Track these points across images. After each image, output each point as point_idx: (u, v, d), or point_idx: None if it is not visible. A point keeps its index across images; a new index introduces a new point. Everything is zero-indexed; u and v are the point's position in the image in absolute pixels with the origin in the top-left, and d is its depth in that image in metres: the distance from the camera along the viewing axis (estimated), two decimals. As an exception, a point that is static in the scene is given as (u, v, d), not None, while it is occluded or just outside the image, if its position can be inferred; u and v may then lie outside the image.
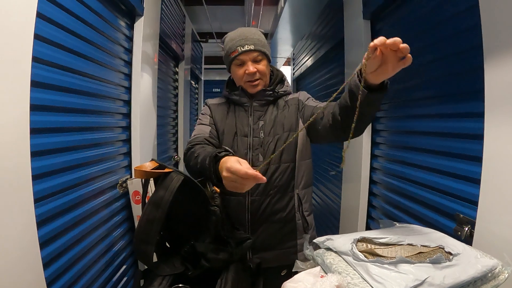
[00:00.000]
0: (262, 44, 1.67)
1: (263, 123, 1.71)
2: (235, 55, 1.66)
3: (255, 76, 1.68)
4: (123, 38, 2.41)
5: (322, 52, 4.15)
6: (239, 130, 1.72)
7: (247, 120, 1.73)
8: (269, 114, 1.73)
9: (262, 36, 1.72)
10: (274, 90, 1.75)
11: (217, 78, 10.38)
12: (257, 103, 1.75)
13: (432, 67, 1.91)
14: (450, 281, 0.87)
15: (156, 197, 1.12)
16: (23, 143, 1.28)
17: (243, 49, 1.63)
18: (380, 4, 2.37)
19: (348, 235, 1.10)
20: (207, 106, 1.87)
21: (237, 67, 1.70)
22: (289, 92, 1.85)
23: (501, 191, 1.29)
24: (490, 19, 1.35)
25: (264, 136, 1.68)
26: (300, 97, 1.80)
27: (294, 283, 0.92)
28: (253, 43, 1.64)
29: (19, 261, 1.26)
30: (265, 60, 1.71)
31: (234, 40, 1.66)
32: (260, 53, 1.67)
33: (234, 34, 1.70)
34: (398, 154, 2.28)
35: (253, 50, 1.65)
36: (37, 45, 1.36)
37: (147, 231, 1.10)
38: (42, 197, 1.46)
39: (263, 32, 1.75)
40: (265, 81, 1.75)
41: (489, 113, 1.35)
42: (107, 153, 2.17)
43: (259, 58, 1.67)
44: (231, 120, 1.76)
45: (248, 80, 1.69)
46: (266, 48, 1.69)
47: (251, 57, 1.66)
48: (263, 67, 1.69)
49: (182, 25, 4.73)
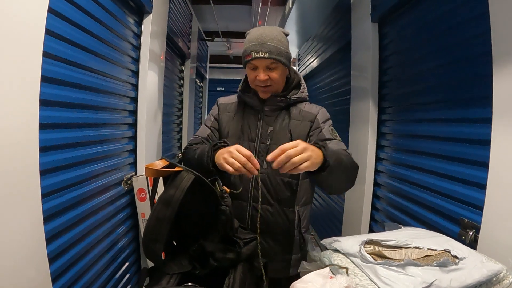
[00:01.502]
0: (278, 52, 1.55)
1: (272, 129, 1.66)
2: (248, 59, 1.60)
3: (266, 83, 1.61)
4: (131, 35, 2.42)
5: (329, 53, 4.15)
6: (246, 134, 1.69)
7: (256, 125, 1.68)
8: (279, 121, 1.68)
9: (283, 41, 1.60)
10: (286, 96, 1.67)
11: (222, 77, 10.39)
12: (268, 107, 1.68)
13: (440, 72, 1.90)
14: (456, 284, 0.88)
15: (166, 195, 1.12)
16: (32, 138, 1.28)
17: (257, 55, 1.54)
18: (389, 7, 2.37)
19: (356, 237, 1.10)
20: (217, 106, 1.84)
21: (250, 70, 1.63)
22: (305, 98, 1.75)
23: (507, 197, 1.30)
24: (500, 26, 1.36)
25: (271, 143, 1.63)
26: (319, 116, 1.69)
27: (303, 283, 0.93)
28: (268, 51, 1.53)
29: (25, 256, 1.27)
30: (280, 68, 1.61)
31: (251, 43, 1.57)
32: (275, 61, 1.56)
33: (253, 35, 1.60)
34: (403, 157, 2.28)
35: (267, 58, 1.54)
36: (48, 41, 1.37)
37: (157, 230, 1.10)
38: (49, 192, 1.47)
39: (286, 34, 1.66)
40: (278, 88, 1.67)
41: (496, 119, 1.36)
42: (113, 149, 2.18)
43: (272, 66, 1.58)
44: (238, 123, 1.72)
45: (259, 85, 1.63)
46: (282, 55, 1.57)
47: (264, 64, 1.57)
48: (275, 75, 1.60)
49: (189, 24, 4.75)
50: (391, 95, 2.52)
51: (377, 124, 2.67)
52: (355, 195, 2.92)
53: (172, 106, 4.12)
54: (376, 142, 2.68)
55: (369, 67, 2.68)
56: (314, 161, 1.21)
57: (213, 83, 9.59)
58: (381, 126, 2.65)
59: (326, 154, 1.27)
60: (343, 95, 3.69)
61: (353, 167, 1.48)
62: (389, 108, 2.53)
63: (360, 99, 2.88)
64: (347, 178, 1.46)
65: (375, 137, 2.68)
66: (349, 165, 1.43)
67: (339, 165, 1.32)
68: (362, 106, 2.82)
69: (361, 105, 2.85)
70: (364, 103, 2.78)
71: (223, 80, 10.39)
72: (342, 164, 1.36)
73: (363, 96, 2.81)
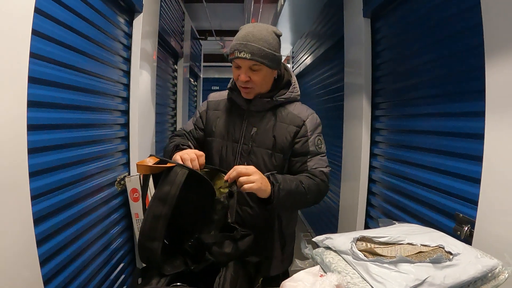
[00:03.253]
0: (262, 54, 1.50)
1: (256, 130, 1.63)
2: (231, 58, 1.55)
3: (247, 84, 1.56)
4: (122, 35, 2.39)
5: (322, 50, 4.15)
6: (230, 135, 1.66)
7: (240, 125, 1.66)
8: (265, 122, 1.64)
9: (270, 42, 1.54)
10: (272, 98, 1.63)
11: (216, 76, 10.37)
12: (253, 108, 1.65)
13: (433, 66, 1.90)
14: (450, 281, 0.87)
15: (161, 192, 1.12)
16: (20, 140, 1.26)
17: (239, 55, 1.49)
18: (381, 2, 2.37)
19: (348, 234, 1.10)
20: (206, 103, 1.82)
21: (235, 68, 1.59)
22: (294, 98, 1.70)
23: (501, 190, 1.29)
24: (492, 19, 1.35)
25: (254, 146, 1.61)
26: (308, 123, 1.64)
27: (293, 282, 0.92)
28: (251, 51, 1.48)
29: (15, 259, 1.25)
30: (263, 70, 1.55)
31: (236, 41, 1.53)
32: (257, 63, 1.51)
33: (240, 33, 1.54)
34: (397, 153, 2.27)
35: (248, 59, 1.50)
36: (35, 41, 1.35)
37: (154, 228, 1.09)
38: (39, 194, 1.44)
39: (278, 34, 1.60)
40: (260, 90, 1.61)
41: (489, 112, 1.35)
42: (105, 150, 2.16)
43: (255, 67, 1.52)
44: (224, 122, 1.70)
45: (241, 85, 1.59)
46: (267, 58, 1.51)
47: (247, 65, 1.53)
48: (257, 78, 1.55)
49: (182, 22, 4.72)
50: (384, 90, 2.51)
51: (371, 120, 2.66)
52: (350, 191, 2.92)
53: (165, 105, 4.10)
54: (370, 137, 2.68)
55: (362, 62, 2.67)
56: (258, 188, 1.33)
57: (208, 82, 9.56)
58: (375, 122, 2.64)
59: (274, 190, 1.39)
60: (337, 91, 3.69)
61: (312, 196, 1.54)
62: (382, 103, 2.53)
63: (354, 95, 2.87)
64: (299, 206, 1.61)
65: (369, 133, 2.67)
66: (303, 198, 1.51)
67: (289, 199, 1.45)
68: (356, 102, 2.81)
69: (355, 101, 2.84)
70: (357, 99, 2.77)
71: (217, 79, 10.36)
72: (295, 199, 1.49)
73: (356, 92, 2.80)
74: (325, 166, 1.65)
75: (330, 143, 3.84)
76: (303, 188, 1.49)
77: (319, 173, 1.59)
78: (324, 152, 1.68)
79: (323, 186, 1.58)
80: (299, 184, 1.49)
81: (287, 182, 1.45)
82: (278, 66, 1.62)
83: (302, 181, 1.51)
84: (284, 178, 1.47)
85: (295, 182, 1.48)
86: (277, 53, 1.57)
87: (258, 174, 1.35)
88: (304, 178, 1.54)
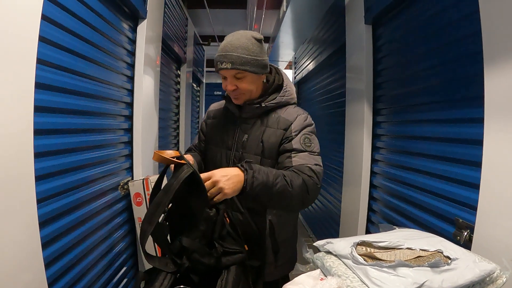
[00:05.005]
0: (242, 62, 1.49)
1: (246, 137, 1.62)
2: (216, 70, 1.56)
3: (235, 92, 1.58)
4: (126, 41, 2.42)
5: (324, 56, 4.17)
6: (224, 143, 1.68)
7: (233, 133, 1.67)
8: (255, 129, 1.63)
9: (250, 48, 1.52)
10: (261, 104, 1.62)
11: (219, 81, 10.30)
12: (245, 114, 1.65)
13: (433, 72, 1.92)
14: (448, 285, 0.88)
15: (167, 184, 1.17)
16: (27, 144, 1.29)
17: (221, 66, 1.51)
18: (382, 9, 2.39)
19: (348, 239, 1.11)
20: (207, 113, 1.87)
21: (223, 79, 1.61)
22: (286, 102, 1.68)
23: (500, 196, 1.30)
24: (491, 26, 1.37)
25: (244, 152, 1.61)
26: (293, 125, 1.59)
27: (294, 285, 0.93)
28: (231, 61, 1.49)
29: (21, 261, 1.27)
30: (248, 77, 1.55)
31: (217, 53, 1.54)
32: (239, 71, 1.51)
33: (221, 45, 1.55)
34: (398, 158, 2.29)
35: (230, 69, 1.50)
36: (41, 47, 1.38)
37: (152, 212, 1.14)
38: (44, 198, 1.47)
39: (257, 39, 1.56)
40: (250, 95, 1.62)
41: (488, 118, 1.37)
42: (109, 155, 2.18)
43: (239, 75, 1.53)
44: (219, 130, 1.72)
45: (230, 94, 1.62)
46: (248, 64, 1.51)
47: (230, 74, 1.54)
48: (244, 85, 1.55)
49: (185, 28, 4.76)
50: (385, 96, 2.53)
51: (372, 126, 2.68)
52: (352, 197, 2.93)
53: (168, 110, 4.12)
54: (372, 143, 2.69)
55: (363, 69, 2.68)
56: (229, 192, 1.23)
57: (211, 87, 9.61)
58: (376, 128, 2.65)
59: (247, 178, 1.27)
60: (338, 97, 3.71)
61: (297, 191, 1.37)
62: (384, 109, 2.54)
63: (355, 101, 2.89)
64: (282, 201, 1.38)
65: (371, 138, 2.68)
66: (286, 191, 1.34)
67: (267, 189, 1.30)
68: (357, 108, 2.83)
69: (356, 107, 2.86)
70: (359, 105, 2.79)
71: (220, 84, 10.30)
72: (276, 191, 1.32)
73: (358, 98, 2.82)
74: (314, 163, 1.50)
75: (332, 148, 3.86)
76: (285, 180, 1.34)
77: (306, 169, 1.45)
78: (314, 151, 1.56)
79: (310, 183, 1.41)
80: (280, 176, 1.35)
81: (264, 171, 1.32)
82: (264, 70, 1.60)
83: (284, 174, 1.37)
84: (261, 167, 1.35)
85: (275, 172, 1.36)
86: (259, 57, 1.55)
87: (218, 180, 1.23)
88: (288, 172, 1.41)
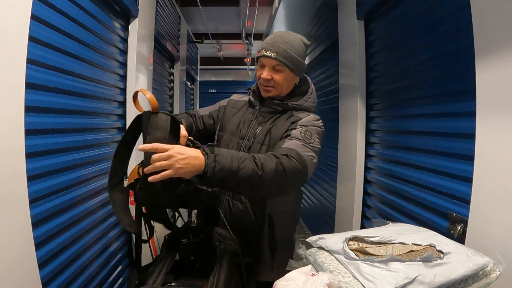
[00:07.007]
0: (286, 56, 1.54)
1: (260, 129, 1.64)
2: (258, 56, 1.61)
3: (269, 83, 1.60)
4: (118, 40, 2.41)
5: (317, 52, 4.17)
6: (239, 131, 1.69)
7: (249, 123, 1.68)
8: (269, 122, 1.64)
9: (297, 47, 1.58)
10: (283, 101, 1.64)
11: (213, 79, 10.38)
12: (265, 109, 1.68)
13: (425, 67, 1.93)
14: (440, 279, 0.88)
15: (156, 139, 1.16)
16: (18, 144, 1.28)
17: (265, 53, 1.55)
18: (374, 4, 2.39)
19: (341, 234, 1.11)
20: (228, 100, 1.87)
21: (259, 67, 1.64)
22: (307, 108, 1.69)
23: (492, 189, 1.31)
24: (482, 20, 1.37)
25: (254, 142, 1.62)
26: (301, 121, 1.57)
27: (285, 281, 0.93)
28: (276, 51, 1.53)
29: (14, 262, 1.27)
30: (286, 72, 1.58)
31: (264, 42, 1.60)
32: (280, 63, 1.55)
33: (270, 36, 1.61)
34: (392, 153, 2.30)
35: (272, 58, 1.54)
36: (31, 47, 1.37)
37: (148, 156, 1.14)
38: (37, 198, 1.46)
39: (305, 43, 1.63)
40: (280, 91, 1.64)
41: (480, 112, 1.37)
42: (102, 154, 2.17)
43: (278, 67, 1.56)
44: (237, 120, 1.73)
45: (262, 83, 1.63)
46: (291, 60, 1.55)
47: (270, 64, 1.57)
48: (279, 78, 1.58)
49: (177, 26, 4.75)
50: (378, 91, 2.54)
51: (366, 121, 2.69)
52: (346, 192, 2.94)
53: (162, 109, 4.09)
54: (366, 139, 2.70)
55: (356, 64, 2.69)
56: (179, 171, 1.11)
57: (205, 85, 9.57)
58: (370, 123, 2.67)
59: (207, 162, 1.16)
60: (332, 93, 3.71)
61: (269, 175, 1.23)
62: (377, 104, 2.55)
63: (349, 96, 2.90)
64: (251, 189, 1.26)
65: (364, 134, 2.70)
66: (254, 174, 1.21)
67: (231, 175, 1.18)
68: (351, 103, 2.84)
69: (350, 103, 2.87)
70: (352, 101, 2.79)
71: (214, 82, 10.39)
72: (238, 174, 1.19)
73: (351, 94, 2.83)
74: (305, 152, 1.40)
75: (326, 144, 3.85)
76: (255, 163, 1.22)
77: (293, 153, 1.34)
78: (310, 143, 1.47)
79: (290, 166, 1.28)
80: (248, 159, 1.23)
81: (228, 155, 1.20)
82: (301, 73, 1.65)
83: (255, 157, 1.25)
84: (227, 150, 1.25)
85: (242, 155, 1.23)
86: (301, 60, 1.61)
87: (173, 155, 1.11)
88: (261, 155, 1.28)
